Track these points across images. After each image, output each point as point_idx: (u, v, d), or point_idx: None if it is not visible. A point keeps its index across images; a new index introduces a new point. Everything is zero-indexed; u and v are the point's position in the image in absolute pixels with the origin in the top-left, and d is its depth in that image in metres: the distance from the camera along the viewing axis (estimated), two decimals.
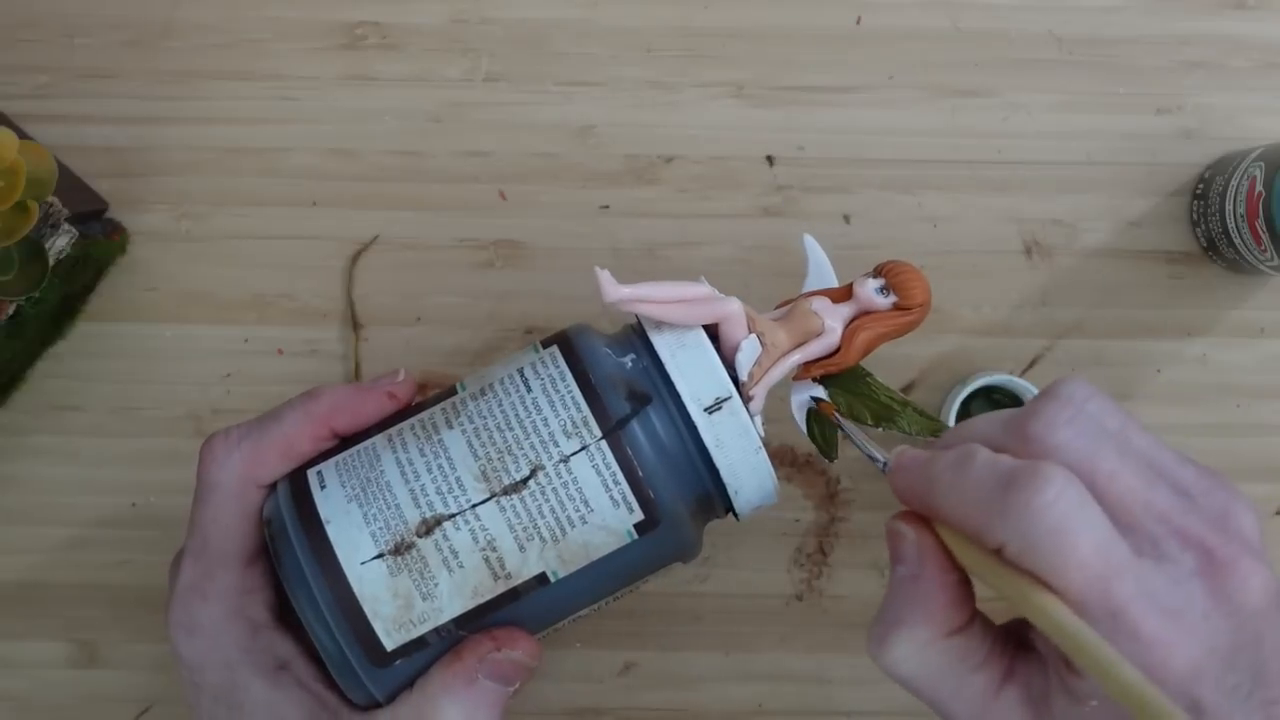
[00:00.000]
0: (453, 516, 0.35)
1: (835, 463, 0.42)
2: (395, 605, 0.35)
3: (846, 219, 0.54)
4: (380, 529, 0.36)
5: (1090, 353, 0.54)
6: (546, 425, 0.36)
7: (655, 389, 0.37)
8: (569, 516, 0.36)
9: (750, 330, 0.38)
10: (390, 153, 0.54)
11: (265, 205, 0.54)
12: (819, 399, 0.40)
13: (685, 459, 0.37)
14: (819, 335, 0.39)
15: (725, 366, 0.37)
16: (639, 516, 0.36)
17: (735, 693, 0.53)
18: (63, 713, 0.53)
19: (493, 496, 0.35)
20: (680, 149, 0.54)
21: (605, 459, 0.36)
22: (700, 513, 0.38)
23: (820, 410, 0.40)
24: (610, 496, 0.36)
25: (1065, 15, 0.55)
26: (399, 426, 0.38)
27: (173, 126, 0.54)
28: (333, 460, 0.38)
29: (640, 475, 0.36)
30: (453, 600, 0.36)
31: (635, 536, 0.36)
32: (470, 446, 0.36)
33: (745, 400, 0.37)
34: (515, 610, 0.36)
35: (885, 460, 0.35)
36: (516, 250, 0.54)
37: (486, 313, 0.54)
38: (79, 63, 0.54)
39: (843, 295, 0.40)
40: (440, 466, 0.36)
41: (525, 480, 0.35)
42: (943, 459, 0.32)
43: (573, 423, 0.36)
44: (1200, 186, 0.54)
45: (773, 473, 0.38)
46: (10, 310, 0.48)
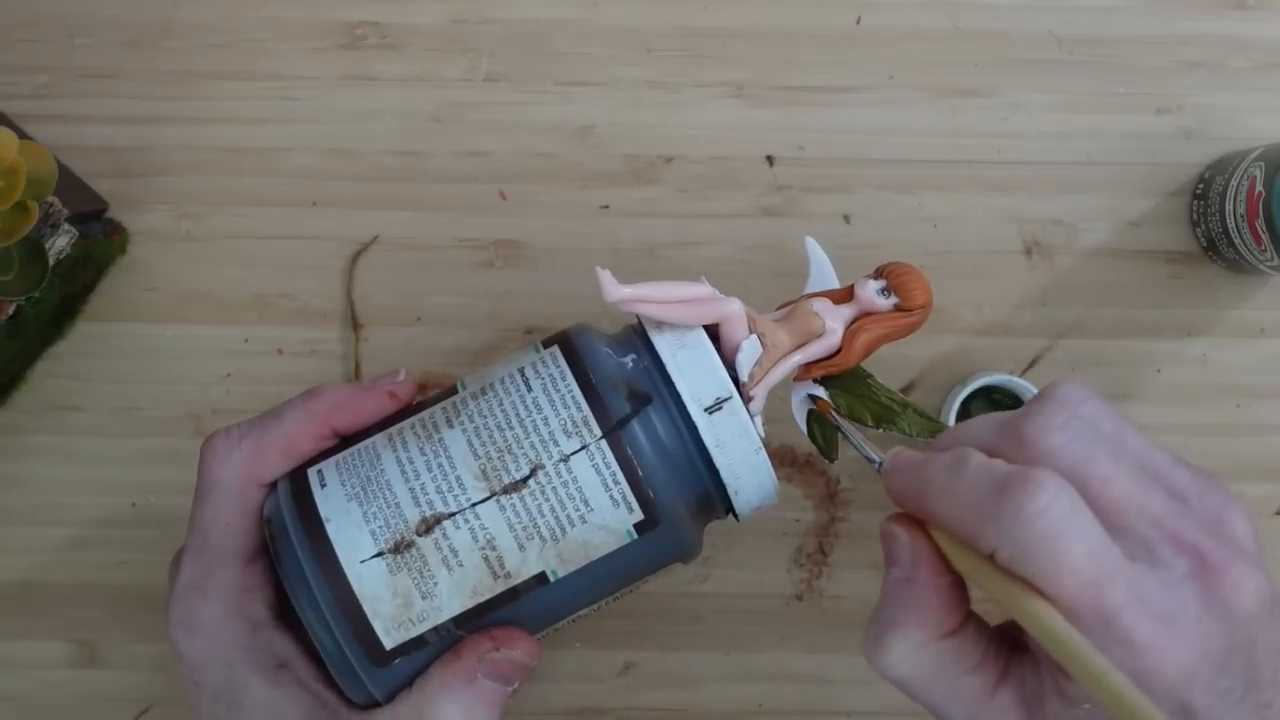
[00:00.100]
0: (452, 515, 0.35)
1: (835, 463, 0.42)
2: (394, 604, 0.35)
3: (846, 219, 0.54)
4: (380, 527, 0.36)
5: (1090, 353, 0.54)
6: (547, 425, 0.36)
7: (656, 389, 0.37)
8: (569, 516, 0.36)
9: (751, 331, 0.38)
10: (390, 153, 0.54)
11: (265, 205, 0.54)
12: (818, 399, 0.40)
13: (685, 459, 0.37)
14: (820, 336, 0.39)
15: (726, 367, 0.37)
16: (639, 516, 0.36)
17: (735, 693, 0.53)
18: (63, 713, 0.53)
19: (493, 495, 0.35)
20: (680, 149, 0.54)
21: (605, 459, 0.36)
22: (700, 513, 0.38)
23: (820, 410, 0.40)
24: (610, 496, 0.36)
25: (1065, 15, 0.55)
26: (399, 426, 0.38)
27: (173, 126, 0.54)
28: (333, 459, 0.38)
29: (640, 475, 0.36)
30: (452, 599, 0.36)
31: (635, 536, 0.36)
32: (470, 445, 0.36)
33: (745, 400, 0.37)
34: (515, 610, 0.36)
35: (881, 461, 0.35)
36: (516, 250, 0.54)
37: (486, 313, 0.54)
38: (79, 63, 0.54)
39: (844, 296, 0.40)
40: (440, 465, 0.36)
41: (525, 479, 0.35)
42: (937, 462, 0.32)
43: (573, 422, 0.36)
44: (1200, 186, 0.54)
45: (773, 473, 0.38)
46: (10, 310, 0.48)
